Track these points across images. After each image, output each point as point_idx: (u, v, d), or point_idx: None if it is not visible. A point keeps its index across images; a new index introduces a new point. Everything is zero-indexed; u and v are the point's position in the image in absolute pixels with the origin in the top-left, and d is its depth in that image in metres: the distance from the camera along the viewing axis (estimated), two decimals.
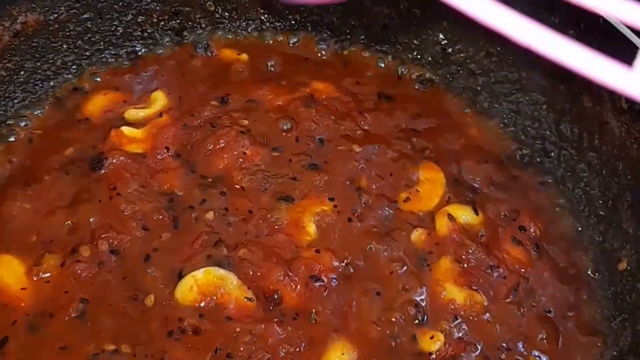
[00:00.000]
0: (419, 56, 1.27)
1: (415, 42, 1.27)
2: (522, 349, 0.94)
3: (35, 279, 0.95)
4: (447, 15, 1.20)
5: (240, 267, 0.96)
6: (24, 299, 0.94)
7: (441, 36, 1.24)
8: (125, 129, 1.11)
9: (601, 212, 1.06)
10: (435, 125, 1.16)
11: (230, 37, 1.31)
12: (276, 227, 1.01)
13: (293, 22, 1.32)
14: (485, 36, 1.18)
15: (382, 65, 1.28)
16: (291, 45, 1.32)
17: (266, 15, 1.31)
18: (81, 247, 0.97)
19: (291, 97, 1.17)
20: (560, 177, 1.12)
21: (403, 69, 1.28)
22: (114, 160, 1.07)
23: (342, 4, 1.28)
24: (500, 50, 1.17)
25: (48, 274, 0.96)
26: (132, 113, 1.15)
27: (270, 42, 1.32)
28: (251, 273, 0.95)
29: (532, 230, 1.06)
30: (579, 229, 1.08)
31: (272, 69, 1.27)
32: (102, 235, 0.98)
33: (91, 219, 1.01)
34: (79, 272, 0.95)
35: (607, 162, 1.04)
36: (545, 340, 0.96)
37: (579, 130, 1.09)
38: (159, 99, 1.18)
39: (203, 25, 1.30)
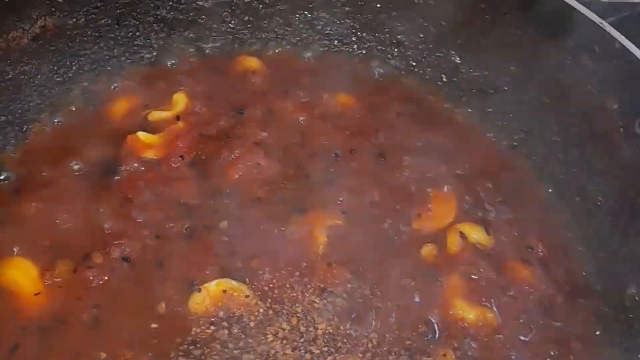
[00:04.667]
0: (435, 75, 1.29)
1: (431, 60, 1.29)
2: None
3: (47, 283, 0.95)
4: (461, 34, 1.22)
5: (253, 278, 0.96)
6: (35, 305, 0.93)
7: (456, 57, 1.25)
8: (141, 135, 1.11)
9: (611, 236, 1.06)
10: (451, 144, 1.17)
11: (248, 48, 1.32)
12: (290, 239, 1.02)
13: (313, 36, 1.33)
14: (498, 57, 1.19)
15: (402, 82, 1.29)
16: (312, 59, 1.33)
17: (285, 29, 1.33)
18: (93, 254, 0.98)
19: (310, 110, 1.19)
20: (571, 199, 1.12)
21: (421, 87, 1.29)
22: (128, 167, 1.08)
23: (358, 20, 1.30)
24: (514, 70, 1.19)
25: (60, 280, 0.96)
26: (155, 115, 1.17)
27: (292, 55, 1.33)
28: (264, 285, 0.96)
29: (540, 250, 1.06)
30: (587, 250, 1.08)
31: (292, 82, 1.27)
32: (115, 242, 0.99)
33: (104, 225, 1.02)
34: (90, 278, 0.96)
35: (618, 186, 1.04)
36: None
37: (590, 153, 1.09)
38: (180, 101, 1.19)
39: (220, 36, 1.31)
